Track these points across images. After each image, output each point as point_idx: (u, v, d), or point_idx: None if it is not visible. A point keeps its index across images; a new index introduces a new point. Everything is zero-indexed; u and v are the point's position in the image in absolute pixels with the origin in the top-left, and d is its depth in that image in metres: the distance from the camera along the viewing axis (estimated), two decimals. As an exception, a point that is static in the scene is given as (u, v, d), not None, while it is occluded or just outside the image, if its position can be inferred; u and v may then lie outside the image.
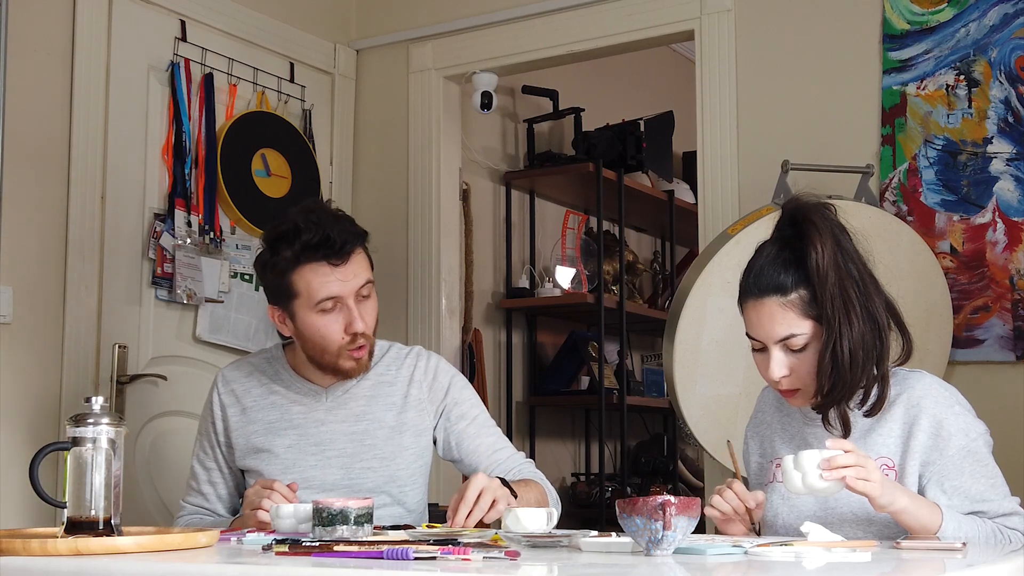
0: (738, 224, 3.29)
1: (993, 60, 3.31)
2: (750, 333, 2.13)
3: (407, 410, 2.54)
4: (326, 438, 2.51)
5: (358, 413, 2.52)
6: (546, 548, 1.86)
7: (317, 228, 2.39)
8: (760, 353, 2.13)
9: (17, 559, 1.73)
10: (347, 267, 2.40)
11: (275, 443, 2.51)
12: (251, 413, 2.55)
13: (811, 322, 2.07)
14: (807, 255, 2.06)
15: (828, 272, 2.05)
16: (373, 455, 2.49)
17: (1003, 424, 3.16)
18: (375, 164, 4.35)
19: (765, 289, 2.08)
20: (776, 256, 2.10)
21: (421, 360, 2.60)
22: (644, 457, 5.42)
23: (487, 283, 4.84)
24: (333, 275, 2.39)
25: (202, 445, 2.61)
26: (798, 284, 2.07)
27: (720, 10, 3.71)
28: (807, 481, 1.91)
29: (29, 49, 3.33)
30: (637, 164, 5.02)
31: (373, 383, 2.55)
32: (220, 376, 2.63)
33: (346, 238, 2.40)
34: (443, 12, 4.25)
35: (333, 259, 2.39)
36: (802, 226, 2.09)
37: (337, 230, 2.39)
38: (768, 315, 2.08)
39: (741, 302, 2.14)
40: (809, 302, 2.07)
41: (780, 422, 2.27)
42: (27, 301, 3.28)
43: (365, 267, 2.45)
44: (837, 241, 2.08)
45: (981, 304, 3.27)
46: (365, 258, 2.46)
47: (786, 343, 2.08)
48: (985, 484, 2.07)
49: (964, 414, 2.12)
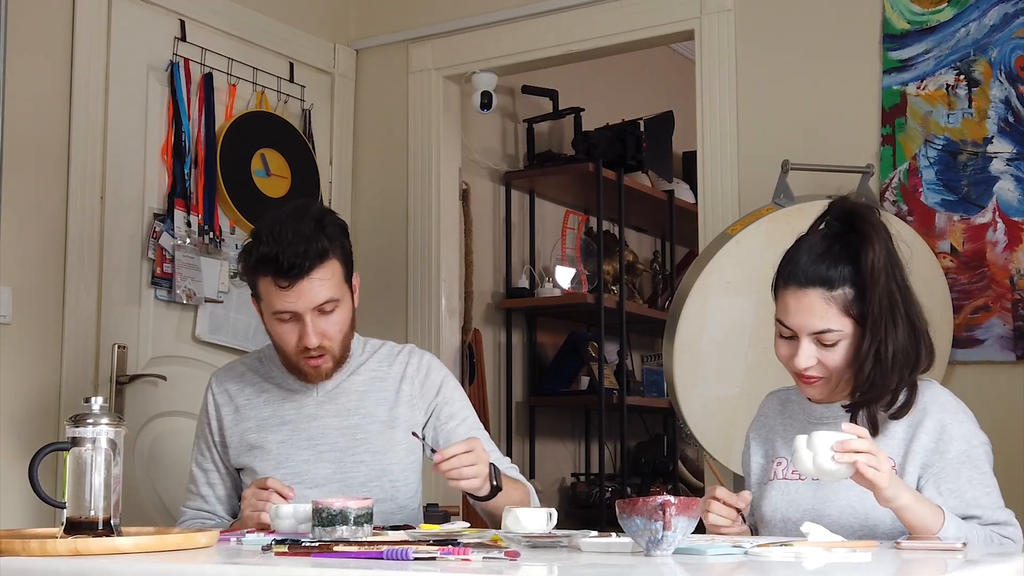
0: (738, 224, 3.29)
1: (993, 60, 3.31)
2: (783, 320, 2.11)
3: (399, 405, 2.55)
4: (318, 432, 2.52)
5: (350, 408, 2.53)
6: (546, 548, 1.86)
7: (272, 244, 2.36)
8: (787, 341, 2.13)
9: (17, 559, 1.73)
10: (298, 287, 2.37)
11: (267, 439, 2.52)
12: (244, 411, 2.57)
13: (850, 320, 2.07)
14: (862, 254, 2.06)
15: (880, 274, 2.06)
16: (365, 449, 2.50)
17: (1003, 424, 3.17)
18: (375, 164, 4.35)
19: (811, 280, 2.08)
20: (826, 250, 2.09)
21: (414, 357, 2.62)
22: (644, 457, 5.42)
23: (487, 283, 4.84)
24: (283, 294, 2.38)
25: (199, 447, 2.63)
26: (845, 281, 2.07)
27: (720, 10, 3.71)
28: (818, 461, 1.90)
29: (29, 49, 3.33)
30: (637, 164, 5.02)
31: (365, 378, 2.56)
32: (214, 377, 2.65)
33: (295, 261, 2.34)
34: (443, 12, 4.25)
35: (281, 280, 2.37)
36: (858, 225, 2.09)
37: (290, 252, 2.34)
38: (808, 306, 2.07)
39: (778, 287, 2.13)
40: (852, 300, 2.07)
41: (783, 424, 2.28)
42: (27, 301, 3.27)
43: (326, 285, 2.39)
44: (887, 245, 2.09)
45: (981, 304, 3.26)
46: (332, 272, 2.41)
47: (819, 336, 2.08)
48: (980, 491, 2.08)
49: (968, 422, 2.13)
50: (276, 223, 2.40)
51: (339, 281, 2.43)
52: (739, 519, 2.09)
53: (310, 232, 2.39)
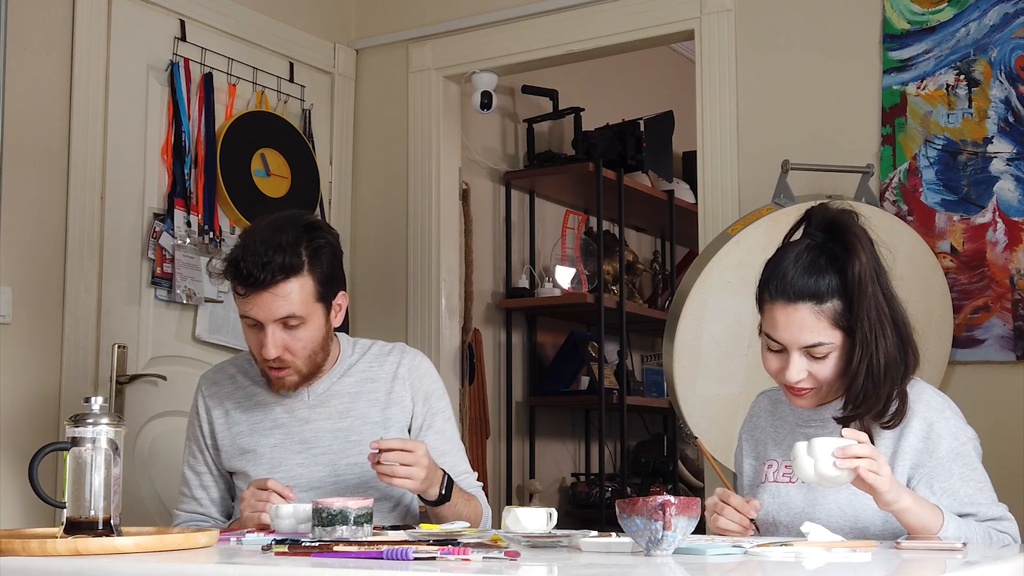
0: (738, 224, 3.29)
1: (993, 60, 3.31)
2: (772, 335, 2.10)
3: (391, 406, 2.54)
4: (311, 436, 2.51)
5: (342, 410, 2.52)
6: (546, 548, 1.86)
7: (240, 249, 2.36)
8: (776, 354, 2.12)
9: (16, 559, 1.73)
10: (257, 297, 2.35)
11: (260, 443, 2.52)
12: (235, 415, 2.56)
13: (840, 332, 2.06)
14: (849, 266, 2.05)
15: (867, 285, 2.04)
16: (359, 451, 2.47)
17: (1003, 424, 3.17)
18: (375, 164, 4.35)
19: (800, 294, 2.06)
20: (812, 262, 2.07)
21: (405, 357, 2.60)
22: (644, 457, 5.42)
23: (487, 283, 4.84)
24: (242, 301, 2.38)
25: (191, 450, 2.61)
26: (834, 293, 2.05)
27: (720, 10, 3.71)
28: (819, 468, 1.89)
29: (29, 49, 3.33)
30: (637, 164, 5.02)
31: (356, 380, 2.55)
32: (203, 380, 2.64)
33: (253, 271, 2.32)
34: (443, 12, 4.25)
35: (239, 287, 2.36)
36: (842, 235, 2.08)
37: (251, 261, 2.32)
38: (799, 321, 2.06)
39: (765, 301, 2.11)
40: (842, 312, 2.06)
41: (773, 426, 2.29)
42: (27, 301, 3.27)
43: (287, 301, 2.34)
44: (872, 253, 2.08)
45: (981, 304, 3.26)
46: (298, 288, 2.36)
47: (810, 350, 2.07)
48: (974, 487, 2.08)
49: (954, 419, 2.13)
50: (256, 228, 2.39)
51: (306, 299, 2.37)
52: (751, 527, 2.10)
53: (286, 244, 2.34)
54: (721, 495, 2.10)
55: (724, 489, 2.13)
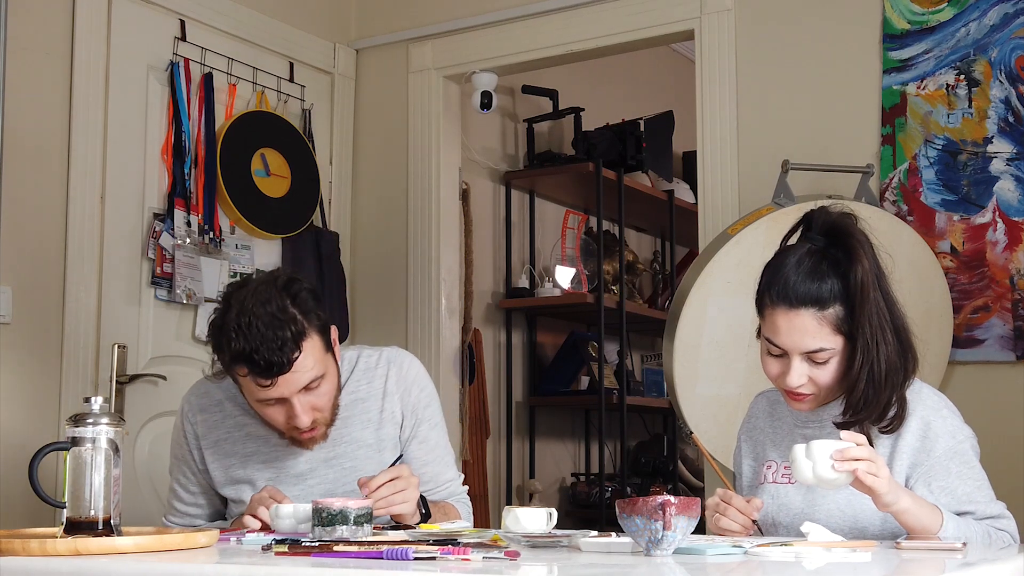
0: (738, 224, 3.29)
1: (993, 60, 3.31)
2: (773, 340, 2.09)
3: (384, 426, 2.48)
4: (305, 468, 2.45)
5: (335, 437, 2.43)
6: (546, 548, 1.86)
7: (244, 341, 2.20)
8: (776, 359, 2.11)
9: (17, 559, 1.73)
10: (281, 380, 2.24)
11: (255, 476, 2.45)
12: (225, 446, 2.49)
13: (841, 338, 2.06)
14: (851, 271, 2.04)
15: (869, 291, 2.04)
16: (355, 477, 2.39)
17: (1003, 424, 3.17)
18: (375, 164, 4.35)
19: (802, 300, 2.05)
20: (814, 268, 2.06)
21: (392, 368, 2.52)
22: (644, 457, 5.42)
23: (487, 283, 4.84)
24: (266, 389, 2.27)
25: (182, 471, 2.54)
26: (836, 299, 2.04)
27: (720, 10, 3.71)
28: (817, 471, 1.89)
29: (29, 49, 3.33)
30: (637, 164, 5.02)
31: (346, 402, 2.46)
32: (187, 404, 2.54)
33: (273, 359, 2.20)
34: (443, 12, 4.25)
35: (261, 380, 2.24)
36: (844, 240, 2.07)
37: (266, 349, 2.19)
38: (801, 327, 2.05)
39: (766, 306, 2.10)
40: (844, 318, 2.05)
41: (771, 427, 2.29)
42: (27, 301, 3.27)
43: (309, 367, 2.26)
44: (873, 257, 2.08)
45: (981, 304, 3.26)
46: (312, 350, 2.26)
47: (811, 355, 2.07)
48: (972, 486, 2.08)
49: (951, 418, 2.13)
50: (244, 313, 2.22)
51: (320, 355, 2.30)
52: (753, 528, 2.10)
53: (282, 316, 2.22)
54: (722, 495, 2.10)
55: (725, 490, 2.13)
